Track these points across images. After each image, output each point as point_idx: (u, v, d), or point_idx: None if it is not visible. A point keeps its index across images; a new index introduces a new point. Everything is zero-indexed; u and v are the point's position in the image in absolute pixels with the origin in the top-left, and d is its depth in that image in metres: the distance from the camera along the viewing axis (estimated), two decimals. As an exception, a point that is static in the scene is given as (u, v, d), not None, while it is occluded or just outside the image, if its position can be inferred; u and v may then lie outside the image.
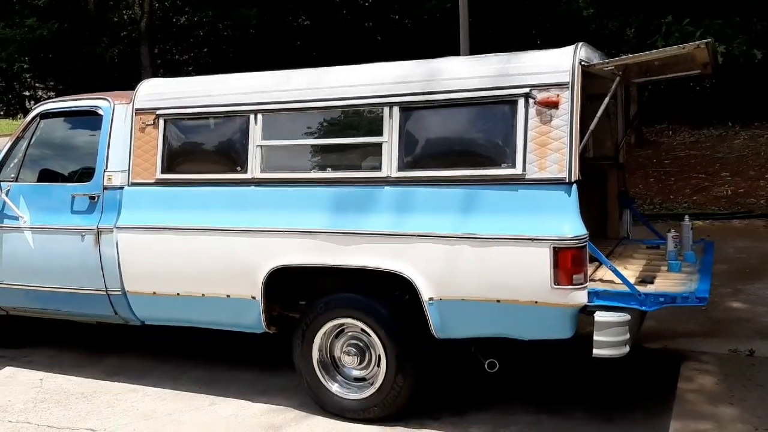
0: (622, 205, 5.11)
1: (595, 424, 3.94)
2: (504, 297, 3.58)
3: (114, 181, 4.56)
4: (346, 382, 4.19)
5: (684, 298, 3.49)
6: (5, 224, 4.91)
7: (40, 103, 5.25)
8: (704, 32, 8.84)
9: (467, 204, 3.66)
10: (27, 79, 18.84)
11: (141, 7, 14.98)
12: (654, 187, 10.75)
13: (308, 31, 17.32)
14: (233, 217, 4.23)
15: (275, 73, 4.37)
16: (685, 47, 3.49)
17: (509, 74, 3.63)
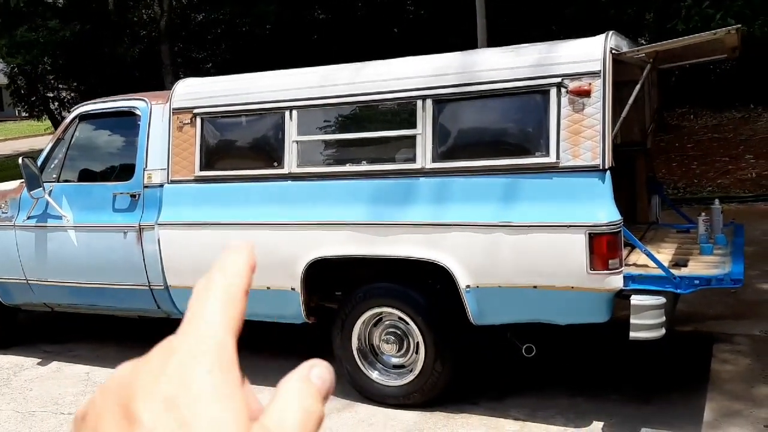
0: (650, 191, 5.16)
1: (632, 406, 4.02)
2: (540, 283, 3.66)
3: (154, 179, 4.69)
4: (385, 370, 4.30)
5: (719, 280, 3.56)
6: (49, 223, 5.06)
7: (79, 105, 5.38)
8: (724, 14, 8.80)
9: (502, 193, 3.75)
10: (50, 80, 19.10)
11: (160, 6, 15.13)
12: (678, 172, 10.73)
13: (325, 25, 17.39)
14: (271, 212, 4.34)
15: (309, 70, 4.47)
16: (716, 33, 3.54)
17: (541, 64, 3.71)
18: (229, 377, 0.33)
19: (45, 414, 4.47)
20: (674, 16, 9.69)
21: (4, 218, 5.30)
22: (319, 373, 0.35)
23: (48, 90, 19.45)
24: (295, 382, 0.35)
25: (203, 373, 0.33)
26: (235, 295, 0.36)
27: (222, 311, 0.35)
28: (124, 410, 0.33)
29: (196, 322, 0.35)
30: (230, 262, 0.37)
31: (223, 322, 0.35)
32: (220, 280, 0.36)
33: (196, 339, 0.34)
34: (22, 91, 19.51)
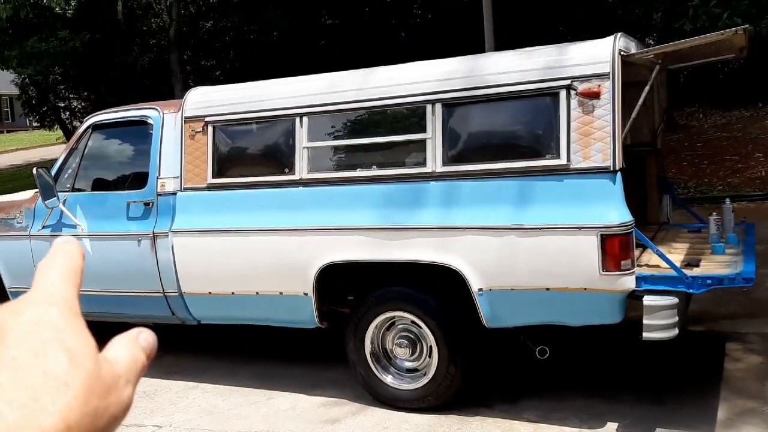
0: (661, 191, 5.17)
1: (645, 407, 4.02)
2: (553, 285, 3.68)
3: (167, 187, 4.74)
4: (399, 374, 4.32)
5: (731, 280, 3.56)
6: (64, 232, 5.11)
7: (91, 115, 5.44)
8: (731, 14, 8.79)
9: (513, 195, 3.76)
10: (61, 90, 19.26)
11: (169, 15, 15.24)
12: (687, 171, 10.71)
13: (332, 30, 17.46)
14: (283, 218, 4.37)
15: (319, 77, 4.51)
16: (724, 33, 3.55)
17: (550, 67, 3.73)
18: (78, 320, 0.41)
19: (62, 421, 4.51)
20: (681, 16, 9.68)
21: (19, 228, 5.36)
22: (145, 337, 0.45)
23: (59, 100, 19.61)
24: (124, 338, 0.44)
25: (57, 312, 0.41)
26: (73, 270, 0.44)
27: (64, 279, 0.43)
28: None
29: (43, 285, 0.42)
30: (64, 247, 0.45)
31: (67, 285, 0.43)
32: (58, 259, 0.44)
33: (46, 293, 0.42)
34: (34, 102, 19.69)
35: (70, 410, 0.37)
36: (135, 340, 0.44)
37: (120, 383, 0.41)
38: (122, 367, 0.42)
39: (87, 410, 0.38)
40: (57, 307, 0.41)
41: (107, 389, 0.40)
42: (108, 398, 0.40)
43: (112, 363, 0.41)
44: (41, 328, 0.39)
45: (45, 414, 0.36)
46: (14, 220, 5.40)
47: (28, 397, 0.36)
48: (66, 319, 0.40)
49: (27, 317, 0.40)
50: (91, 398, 0.38)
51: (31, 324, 0.39)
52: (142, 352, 0.44)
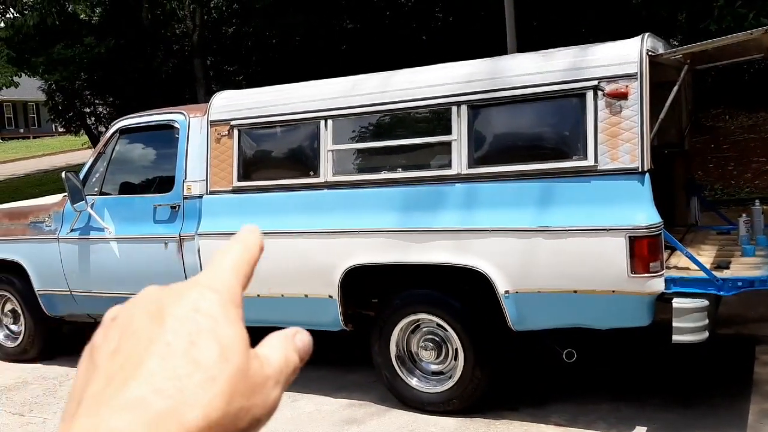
0: (689, 192, 5.11)
1: (674, 410, 3.97)
2: (581, 287, 3.65)
3: (193, 190, 4.77)
4: (424, 376, 4.31)
5: (762, 282, 3.51)
6: (92, 236, 5.17)
7: (118, 119, 5.51)
8: (757, 14, 8.68)
9: (540, 197, 3.74)
10: (87, 96, 19.52)
11: (193, 20, 15.39)
12: (714, 173, 10.57)
13: (353, 34, 17.50)
14: (309, 221, 4.38)
15: (343, 80, 4.52)
16: (753, 33, 3.51)
17: (577, 68, 3.70)
18: (236, 311, 0.40)
19: (91, 422, 4.56)
20: (706, 17, 9.57)
21: (48, 231, 5.43)
22: (301, 337, 0.43)
23: (84, 105, 19.87)
24: (279, 336, 0.43)
25: (218, 300, 0.40)
26: (247, 260, 0.43)
27: (235, 268, 0.42)
28: (157, 309, 0.39)
29: (213, 270, 0.42)
30: (246, 237, 0.45)
31: (235, 275, 0.42)
32: (236, 247, 0.44)
33: (213, 279, 0.41)
34: (60, 107, 19.96)
35: (212, 408, 0.36)
36: (290, 339, 0.42)
37: (268, 384, 0.39)
38: (273, 368, 0.40)
39: (229, 410, 0.36)
40: (218, 295, 0.40)
41: (253, 389, 0.38)
42: (252, 399, 0.38)
43: (262, 361, 0.40)
44: (199, 315, 0.38)
45: (188, 408, 0.35)
46: (43, 224, 5.47)
47: (176, 387, 0.36)
48: (224, 308, 0.39)
49: (188, 302, 0.39)
50: (236, 397, 0.37)
51: (190, 309, 0.39)
52: (296, 353, 0.42)
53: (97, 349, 0.39)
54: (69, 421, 0.36)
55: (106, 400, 0.35)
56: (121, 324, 0.39)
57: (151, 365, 0.36)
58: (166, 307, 0.39)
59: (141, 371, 0.36)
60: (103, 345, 0.39)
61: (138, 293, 0.41)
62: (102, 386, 0.36)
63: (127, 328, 0.39)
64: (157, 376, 0.36)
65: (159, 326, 0.38)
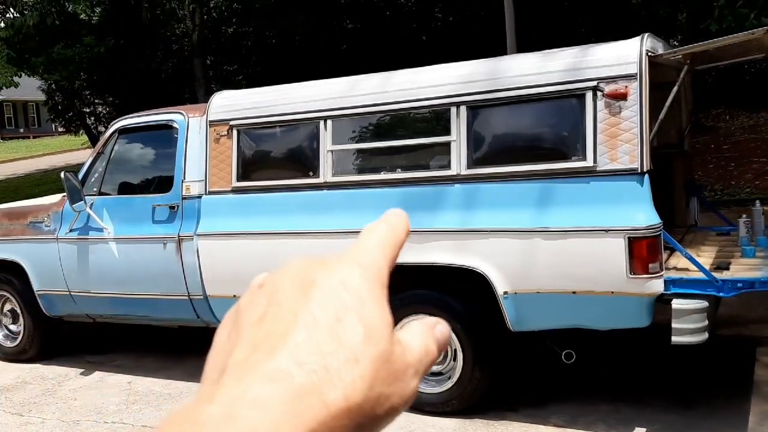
0: (689, 193, 5.10)
1: (675, 411, 3.96)
2: (580, 288, 3.64)
3: (192, 190, 4.77)
4: (423, 377, 4.29)
5: (762, 283, 3.50)
6: (90, 236, 5.16)
7: (117, 119, 5.50)
8: (758, 14, 8.66)
9: (539, 198, 3.73)
10: (86, 96, 19.51)
11: (192, 20, 15.38)
12: (714, 174, 10.56)
13: (353, 34, 17.49)
14: (308, 221, 4.38)
15: (343, 80, 4.51)
16: (754, 33, 3.50)
17: (576, 68, 3.69)
18: (383, 291, 0.39)
19: (89, 423, 4.56)
20: (707, 17, 9.55)
21: (47, 231, 5.43)
22: (441, 329, 0.41)
23: (84, 105, 19.86)
24: (421, 325, 0.41)
25: (366, 278, 0.38)
26: (393, 242, 0.42)
27: (382, 248, 0.41)
28: (304, 280, 0.38)
29: (362, 248, 0.41)
30: (392, 218, 0.43)
31: (382, 254, 0.40)
32: (383, 227, 0.42)
33: (362, 256, 0.40)
34: (60, 107, 19.96)
35: (354, 390, 0.34)
36: (432, 330, 0.40)
37: (408, 373, 0.37)
38: (414, 356, 0.38)
39: (370, 394, 0.35)
40: (366, 272, 0.39)
41: (394, 376, 0.36)
42: (393, 386, 0.36)
43: (405, 348, 0.38)
44: (346, 291, 0.37)
45: (330, 387, 0.34)
46: (42, 224, 5.47)
47: (320, 363, 0.34)
48: (370, 287, 0.38)
49: (337, 276, 0.38)
50: (377, 382, 0.35)
51: (338, 285, 0.37)
52: (435, 344, 0.40)
53: (242, 315, 0.38)
54: (212, 387, 0.35)
55: (250, 367, 0.35)
56: (268, 291, 0.38)
57: (297, 337, 0.35)
58: (315, 279, 0.38)
59: (287, 342, 0.35)
60: (249, 311, 0.38)
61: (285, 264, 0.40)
62: (247, 354, 0.35)
63: (274, 296, 0.38)
64: (302, 348, 0.35)
65: (306, 297, 0.37)
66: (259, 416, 0.33)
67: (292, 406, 0.33)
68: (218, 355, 0.38)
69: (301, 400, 0.33)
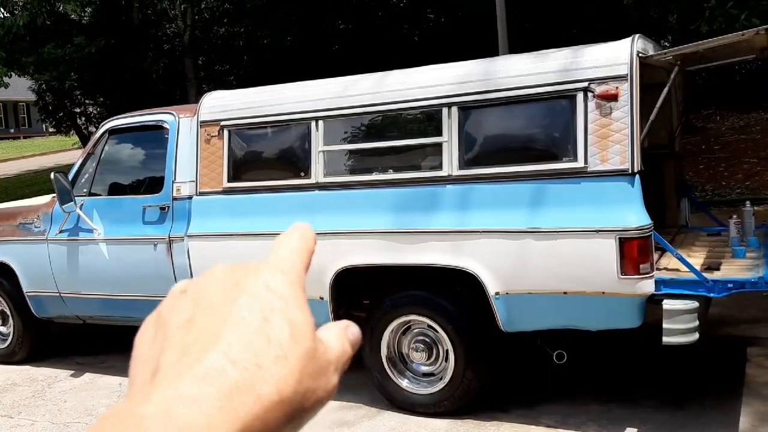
0: (679, 194, 5.11)
1: (666, 412, 3.97)
2: (571, 289, 3.64)
3: (183, 191, 4.75)
4: (415, 378, 4.29)
5: (753, 284, 3.51)
6: (80, 237, 5.14)
7: (108, 120, 5.47)
8: (749, 15, 8.70)
9: (530, 199, 3.73)
10: (77, 96, 19.42)
11: (184, 20, 15.33)
12: (705, 174, 10.60)
13: (345, 35, 17.48)
14: (299, 221, 4.35)
15: (335, 80, 4.50)
16: (744, 34, 3.51)
17: (567, 69, 3.70)
18: (303, 295, 0.41)
19: (79, 425, 4.53)
20: (697, 18, 9.58)
21: (36, 232, 5.39)
22: (353, 330, 0.44)
23: (75, 106, 19.77)
24: (336, 327, 0.44)
25: (287, 282, 0.41)
26: (306, 249, 0.44)
27: (297, 254, 0.43)
28: (230, 285, 0.40)
29: (278, 255, 0.43)
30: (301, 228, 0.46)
31: (299, 261, 0.43)
32: (296, 234, 0.45)
33: (280, 262, 0.42)
34: (50, 108, 19.86)
35: (285, 384, 0.37)
36: (345, 331, 0.44)
37: (330, 369, 0.40)
38: (334, 354, 0.41)
39: (299, 388, 0.38)
40: (287, 276, 0.41)
41: (319, 371, 0.39)
42: (318, 380, 0.39)
43: (326, 347, 0.41)
44: (271, 294, 0.39)
45: (263, 382, 0.36)
46: (32, 225, 5.43)
47: (251, 361, 0.36)
48: (292, 290, 0.40)
49: (262, 280, 0.40)
50: (304, 377, 0.38)
51: (263, 288, 0.40)
52: (350, 344, 0.43)
53: (167, 319, 0.40)
54: (146, 387, 0.36)
55: (184, 367, 0.36)
56: (193, 296, 0.40)
57: (228, 337, 0.37)
58: (239, 283, 0.40)
59: (219, 342, 0.37)
60: (173, 315, 0.39)
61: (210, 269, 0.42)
62: (178, 356, 0.37)
63: (201, 300, 0.39)
64: (234, 347, 0.37)
65: (234, 300, 0.39)
66: (195, 412, 0.34)
67: (227, 401, 0.35)
68: (145, 358, 0.39)
69: (235, 395, 0.35)
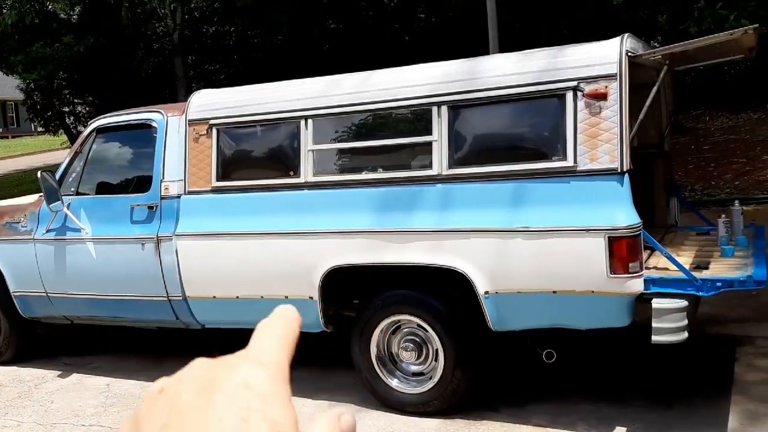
0: (669, 193, 5.12)
1: (655, 411, 3.97)
2: (560, 288, 3.64)
3: (171, 190, 4.71)
4: (405, 377, 4.28)
5: (741, 283, 3.52)
6: (68, 236, 5.09)
7: (95, 118, 5.43)
8: (738, 15, 8.74)
9: (520, 198, 3.73)
10: (66, 95, 19.29)
11: (173, 19, 15.26)
12: (694, 174, 10.64)
13: (336, 34, 17.45)
14: (289, 221, 4.34)
15: (324, 79, 4.48)
16: (733, 33, 3.51)
17: (556, 68, 3.69)
18: (286, 388, 0.40)
19: (66, 426, 4.49)
20: (687, 18, 9.62)
21: (23, 232, 5.35)
22: (346, 419, 0.42)
23: (63, 105, 19.64)
24: (328, 417, 0.41)
25: (267, 377, 0.39)
26: (289, 337, 0.43)
27: (280, 344, 0.42)
28: (205, 383, 0.38)
29: (259, 345, 0.42)
30: (285, 313, 0.45)
31: (282, 352, 0.42)
32: (278, 322, 0.43)
33: (261, 354, 0.41)
34: (38, 107, 19.72)
35: None
36: (337, 421, 0.41)
37: None
38: None
39: None
40: (268, 372, 0.40)
41: None
42: None
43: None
44: (249, 392, 0.38)
45: None
46: (19, 224, 5.38)
47: None
48: (274, 387, 0.39)
49: (239, 377, 0.39)
50: None
51: (241, 386, 0.38)
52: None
53: (143, 423, 0.38)
54: None
55: None
56: (168, 398, 0.38)
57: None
58: (215, 382, 0.38)
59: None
60: (150, 419, 0.38)
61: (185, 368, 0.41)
62: None
63: (176, 402, 0.38)
64: None
65: (209, 402, 0.37)
66: None
67: None
68: None
69: None
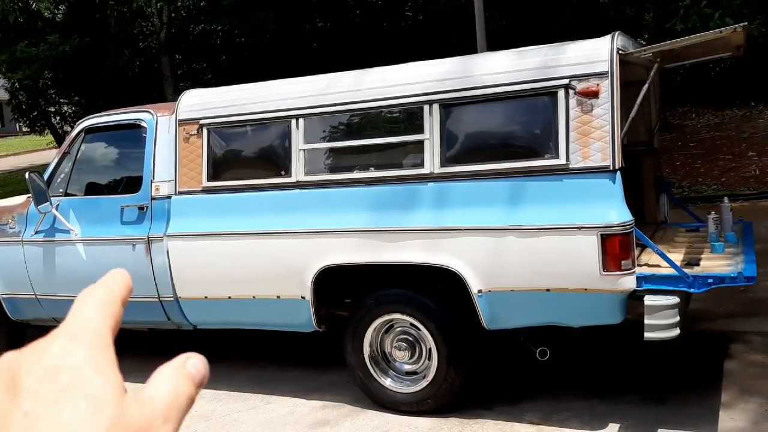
0: (658, 190, 5.16)
1: (647, 407, 4.00)
2: (553, 286, 3.65)
3: (161, 191, 4.69)
4: (398, 376, 4.28)
5: (732, 279, 3.54)
6: (57, 238, 5.05)
7: (84, 118, 5.38)
8: (722, 14, 8.81)
9: (512, 196, 3.74)
10: (51, 95, 19.14)
11: (160, 18, 15.17)
12: (681, 171, 10.72)
13: (324, 33, 17.42)
14: (280, 221, 4.33)
15: (315, 78, 4.47)
16: (722, 32, 3.54)
17: (548, 66, 3.70)
18: (105, 355, 0.38)
19: (57, 429, 4.45)
20: (673, 16, 9.69)
21: (11, 233, 5.29)
22: (194, 363, 0.41)
23: (49, 104, 19.49)
24: (169, 367, 0.40)
25: (82, 349, 0.37)
26: (111, 300, 0.41)
27: (98, 310, 0.40)
28: (11, 382, 0.36)
29: (75, 317, 0.40)
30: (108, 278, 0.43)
31: (99, 318, 0.40)
32: (98, 290, 0.42)
33: (75, 327, 0.39)
34: (24, 106, 19.56)
35: None
36: (181, 369, 0.40)
37: (155, 423, 0.37)
38: (159, 405, 0.38)
39: None
40: (83, 345, 0.38)
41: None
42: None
43: (144, 402, 0.37)
44: (60, 371, 0.36)
45: None
46: (6, 226, 5.33)
47: None
48: (90, 358, 0.37)
49: (47, 359, 0.37)
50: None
51: (50, 367, 0.36)
52: (190, 381, 0.40)
53: None
54: None
55: None
56: None
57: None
58: (20, 373, 0.36)
59: None
60: None
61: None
62: None
63: None
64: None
65: (15, 396, 0.35)
66: None
67: None
68: None
69: None
